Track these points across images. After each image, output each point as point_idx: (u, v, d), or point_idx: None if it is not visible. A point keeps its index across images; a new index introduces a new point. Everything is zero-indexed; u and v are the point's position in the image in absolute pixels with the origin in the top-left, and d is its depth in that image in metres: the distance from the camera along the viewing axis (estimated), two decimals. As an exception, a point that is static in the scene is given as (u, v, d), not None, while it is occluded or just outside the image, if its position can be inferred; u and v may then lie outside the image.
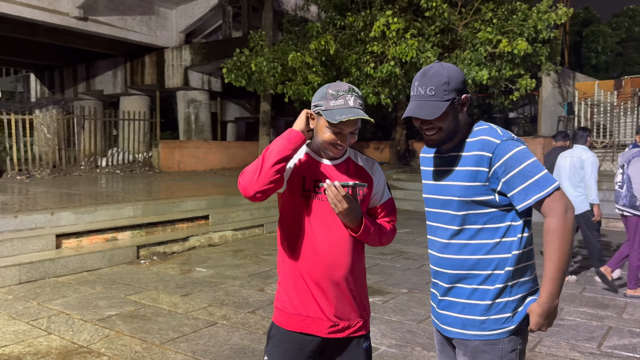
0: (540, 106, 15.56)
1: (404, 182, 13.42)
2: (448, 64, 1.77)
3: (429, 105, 1.71)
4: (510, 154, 1.67)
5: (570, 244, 1.65)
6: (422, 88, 1.73)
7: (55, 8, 15.77)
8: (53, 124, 15.56)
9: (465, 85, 1.76)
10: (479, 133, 1.74)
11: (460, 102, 1.74)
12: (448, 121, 1.73)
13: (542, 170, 1.65)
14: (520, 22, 11.36)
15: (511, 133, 1.75)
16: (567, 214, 1.64)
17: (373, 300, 4.89)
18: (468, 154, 1.73)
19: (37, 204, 7.79)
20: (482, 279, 1.74)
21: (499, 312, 1.72)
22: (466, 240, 1.76)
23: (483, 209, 1.73)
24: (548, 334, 4.02)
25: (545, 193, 1.64)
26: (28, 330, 4.14)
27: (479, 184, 1.71)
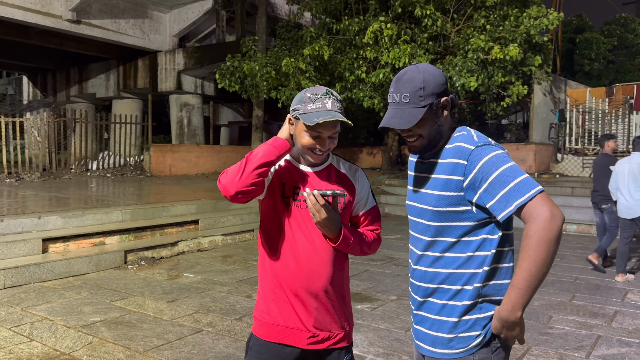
0: (532, 113, 15.61)
1: (395, 187, 13.41)
2: (425, 66, 1.66)
3: (404, 113, 1.62)
4: (485, 160, 1.54)
5: (547, 257, 1.45)
6: (397, 95, 1.63)
7: (48, 11, 15.69)
8: (44, 126, 15.46)
9: (445, 88, 1.65)
10: (455, 139, 1.64)
11: (440, 106, 1.64)
12: (428, 127, 1.63)
13: (522, 174, 1.51)
14: (512, 28, 11.40)
15: (489, 139, 1.64)
16: (551, 221, 1.44)
17: (361, 308, 4.85)
18: (444, 161, 1.63)
19: (25, 208, 7.70)
20: (451, 294, 1.62)
21: (467, 330, 1.60)
22: (439, 253, 1.65)
23: (458, 221, 1.61)
24: (536, 343, 3.99)
25: (527, 197, 1.47)
26: (10, 337, 4.07)
27: (454, 193, 1.59)
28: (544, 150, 15.22)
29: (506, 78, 11.82)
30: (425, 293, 1.68)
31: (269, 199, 1.86)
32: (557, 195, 10.87)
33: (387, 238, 8.91)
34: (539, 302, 5.08)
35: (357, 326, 4.34)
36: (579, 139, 15.57)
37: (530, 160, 14.67)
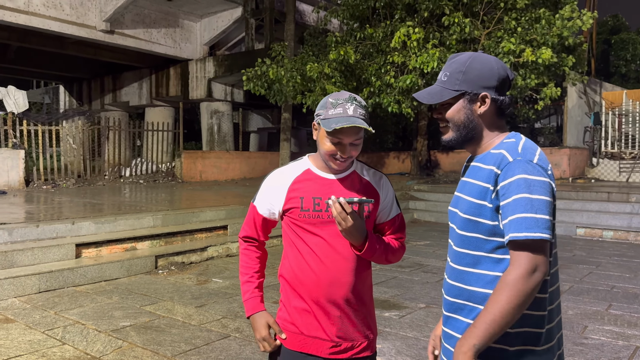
0: (566, 116, 15.25)
1: (425, 193, 13.26)
2: (484, 55, 1.54)
3: (434, 90, 1.54)
4: (514, 178, 1.38)
5: (517, 308, 1.32)
6: (442, 72, 1.56)
7: (83, 22, 16.17)
8: (79, 134, 15.89)
9: (496, 84, 1.50)
10: (502, 146, 1.49)
11: (477, 100, 1.51)
12: (456, 116, 1.52)
13: (538, 212, 1.34)
14: (544, 30, 11.18)
15: (535, 153, 1.44)
16: (532, 275, 1.31)
17: (389, 315, 4.79)
18: (485, 166, 1.49)
19: (60, 214, 7.91)
20: (476, 314, 1.45)
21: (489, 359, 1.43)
22: (466, 267, 1.51)
23: (487, 235, 1.46)
24: (570, 354, 3.86)
25: (523, 236, 1.32)
26: (43, 340, 4.16)
27: (486, 203, 1.45)
28: (578, 154, 14.84)
29: (539, 80, 11.60)
30: (451, 308, 1.56)
31: (287, 217, 1.86)
32: (592, 201, 10.57)
33: (416, 244, 8.81)
34: (573, 312, 4.93)
35: (384, 334, 4.29)
36: (615, 143, 15.13)
37: (565, 165, 14.33)
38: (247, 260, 1.97)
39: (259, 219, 1.93)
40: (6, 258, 5.85)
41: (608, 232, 9.47)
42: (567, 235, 9.70)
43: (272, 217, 1.92)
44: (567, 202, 10.63)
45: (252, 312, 1.93)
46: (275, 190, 1.86)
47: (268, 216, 1.92)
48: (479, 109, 1.52)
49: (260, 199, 1.92)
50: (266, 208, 1.91)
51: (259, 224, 1.94)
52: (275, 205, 1.88)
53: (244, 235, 1.99)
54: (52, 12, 15.31)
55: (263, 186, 1.92)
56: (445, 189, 13.12)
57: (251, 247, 1.98)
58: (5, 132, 13.52)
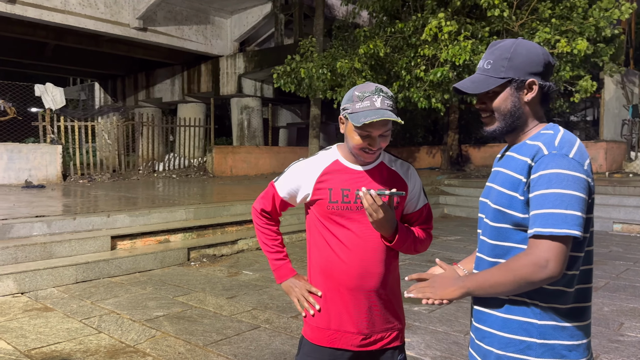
0: (603, 109, 14.82)
1: (455, 187, 13.10)
2: (526, 41, 1.49)
3: (479, 79, 1.49)
4: (547, 172, 1.35)
5: (510, 287, 1.35)
6: (483, 60, 1.51)
7: (117, 20, 16.51)
8: (113, 130, 16.28)
9: (542, 70, 1.46)
10: (539, 137, 1.44)
11: (524, 87, 1.46)
12: (501, 105, 1.48)
13: (567, 208, 1.30)
14: (580, 20, 10.87)
15: (573, 148, 1.39)
16: (540, 268, 1.30)
17: (418, 310, 4.77)
18: (520, 157, 1.44)
19: (96, 207, 8.13)
20: (504, 308, 1.46)
21: (520, 352, 1.42)
22: (495, 258, 1.49)
23: (517, 226, 1.44)
24: (606, 351, 3.77)
25: (547, 232, 1.29)
26: (80, 329, 4.30)
27: (517, 195, 1.42)
28: (615, 148, 14.41)
29: (574, 72, 11.29)
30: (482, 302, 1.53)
31: (314, 208, 1.86)
32: (630, 196, 10.26)
33: (446, 239, 8.72)
34: (609, 308, 4.81)
35: (413, 328, 4.27)
36: (655, 136, 14.63)
37: (601, 159, 13.94)
38: (269, 232, 2.00)
39: (278, 199, 1.94)
40: (45, 249, 6.06)
41: (647, 228, 9.18)
42: (603, 231, 9.45)
43: (291, 201, 1.94)
44: (603, 197, 10.34)
45: (287, 276, 1.95)
46: (302, 179, 1.87)
47: (288, 200, 1.93)
48: (526, 96, 1.48)
49: (283, 182, 1.92)
50: (288, 192, 1.91)
51: (278, 204, 1.96)
52: (299, 193, 1.88)
53: (262, 208, 1.99)
54: (88, 11, 15.69)
55: (290, 171, 1.92)
56: (477, 184, 12.93)
57: (270, 222, 2.01)
58: (44, 128, 13.95)
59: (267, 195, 1.98)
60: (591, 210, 1.42)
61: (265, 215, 2.00)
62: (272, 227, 2.01)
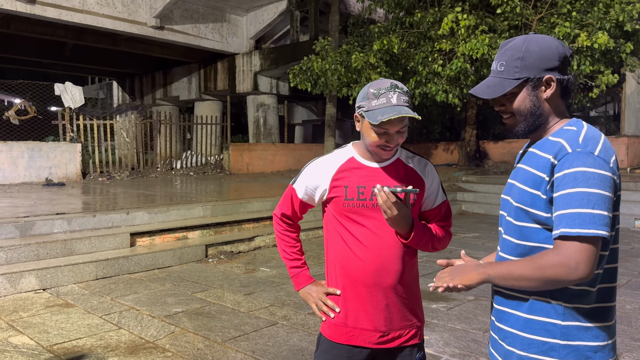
0: (624, 103, 14.56)
1: (473, 184, 12.99)
2: (538, 37, 1.45)
3: (494, 82, 1.46)
4: (571, 170, 1.31)
5: (533, 283, 1.33)
6: (496, 62, 1.48)
7: (134, 19, 16.65)
8: (132, 128, 16.45)
9: (558, 65, 1.42)
10: (562, 133, 1.41)
11: (541, 84, 1.42)
12: (520, 106, 1.44)
13: (595, 207, 1.27)
14: (601, 14, 10.67)
15: (598, 145, 1.35)
16: (571, 270, 1.27)
17: (437, 307, 4.74)
18: (542, 154, 1.41)
19: (115, 204, 8.23)
20: (526, 307, 1.44)
21: (543, 353, 1.40)
22: (518, 257, 1.46)
23: (540, 225, 1.41)
24: (628, 349, 3.71)
25: (575, 232, 1.26)
26: (100, 324, 4.36)
27: (540, 194, 1.38)
28: (637, 143, 14.15)
29: (594, 67, 11.09)
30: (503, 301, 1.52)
31: (330, 206, 1.86)
32: (652, 192, 10.06)
33: (464, 236, 8.66)
34: (631, 306, 4.73)
35: (432, 326, 4.25)
36: (679, 131, 14.34)
37: (622, 154, 13.70)
38: (288, 239, 2.01)
39: (297, 201, 1.94)
40: (66, 246, 6.15)
41: (670, 224, 9.00)
42: (625, 227, 9.30)
43: (310, 201, 1.94)
44: (625, 194, 10.15)
45: (305, 283, 1.95)
46: (318, 178, 1.86)
47: (307, 200, 1.94)
48: (545, 93, 1.44)
49: (301, 183, 1.92)
50: (306, 193, 1.91)
51: (297, 206, 1.96)
52: (317, 192, 1.88)
53: (282, 213, 2.00)
54: (105, 10, 15.85)
55: (306, 171, 1.92)
56: (495, 180, 12.80)
57: (290, 228, 2.02)
58: (64, 127, 14.15)
59: (286, 199, 1.98)
60: (617, 207, 1.38)
61: (286, 221, 2.01)
62: (292, 233, 2.02)
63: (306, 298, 1.93)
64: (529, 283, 1.36)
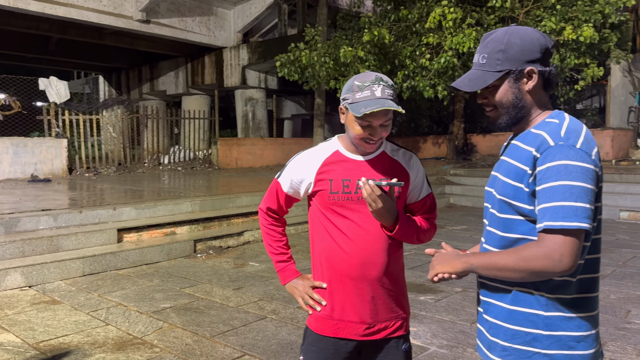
0: (609, 96, 14.70)
1: (461, 177, 13.06)
2: (519, 28, 1.45)
3: (476, 75, 1.46)
4: (554, 163, 1.32)
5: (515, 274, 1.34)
6: (478, 54, 1.48)
7: (119, 12, 16.48)
8: (118, 123, 16.30)
9: (539, 57, 1.42)
10: (544, 126, 1.41)
11: (523, 76, 1.43)
12: (502, 98, 1.45)
13: (577, 200, 1.28)
14: (585, 7, 10.75)
15: (579, 138, 1.35)
16: (554, 262, 1.28)
17: (425, 299, 4.77)
18: (524, 146, 1.41)
19: (102, 200, 8.17)
20: (510, 299, 1.45)
21: (526, 344, 1.41)
22: (501, 249, 1.46)
23: (523, 217, 1.42)
24: (612, 338, 3.76)
25: (559, 225, 1.27)
26: (88, 321, 4.33)
27: (522, 186, 1.39)
28: (622, 135, 14.31)
29: (580, 60, 11.18)
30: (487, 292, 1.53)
31: (315, 199, 1.86)
32: (637, 183, 10.19)
33: (452, 229, 8.71)
34: (615, 296, 4.80)
35: (420, 317, 4.28)
36: (663, 123, 14.51)
37: (608, 147, 13.85)
38: (274, 233, 2.01)
39: (282, 195, 1.94)
40: (52, 242, 6.09)
41: (654, 215, 9.13)
42: (610, 218, 9.41)
43: (296, 195, 1.94)
44: (610, 185, 10.28)
45: (291, 278, 1.96)
46: (303, 171, 1.86)
47: (292, 194, 1.93)
48: (527, 85, 1.44)
49: (286, 177, 1.91)
50: (291, 187, 1.91)
51: (282, 200, 1.95)
52: (302, 186, 1.88)
53: (267, 207, 1.99)
54: (90, 4, 15.67)
55: (291, 165, 1.91)
56: (483, 173, 12.88)
57: (276, 222, 2.01)
58: (49, 122, 13.99)
59: (272, 193, 1.97)
60: (599, 198, 1.40)
61: (272, 215, 2.00)
62: (278, 228, 2.02)
63: (292, 292, 1.93)
64: (513, 274, 1.37)
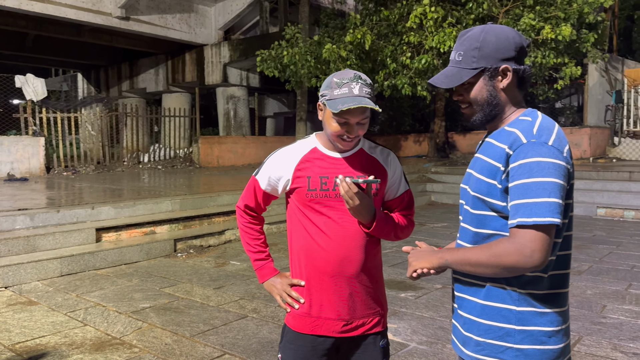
0: (587, 95, 14.95)
1: (442, 175, 13.17)
2: (495, 27, 1.47)
3: (452, 72, 1.48)
4: (526, 161, 1.33)
5: (487, 270, 1.36)
6: (454, 52, 1.50)
7: (98, 8, 16.24)
8: (97, 121, 16.06)
9: (514, 55, 1.44)
10: (517, 124, 1.42)
11: (497, 74, 1.44)
12: (477, 95, 1.46)
13: (549, 196, 1.29)
14: (564, 6, 10.91)
15: (552, 135, 1.37)
16: (524, 257, 1.30)
17: (405, 296, 4.80)
18: (497, 144, 1.43)
19: (80, 199, 8.04)
20: (483, 294, 1.47)
21: (499, 339, 1.43)
22: (473, 244, 1.49)
23: (496, 213, 1.44)
24: (588, 333, 3.83)
25: (532, 222, 1.29)
26: (65, 322, 4.26)
27: (496, 183, 1.41)
28: (599, 133, 14.56)
29: (559, 59, 11.34)
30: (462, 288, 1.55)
31: (293, 196, 1.86)
32: (613, 181, 10.39)
33: (433, 226, 8.78)
34: (591, 291, 4.88)
35: (400, 314, 4.30)
36: (638, 121, 14.79)
37: (585, 145, 14.08)
38: (252, 231, 1.99)
39: (260, 192, 1.93)
40: (28, 242, 5.99)
41: (629, 212, 9.31)
42: (587, 215, 9.57)
43: (273, 192, 1.93)
44: (587, 182, 10.46)
45: (269, 276, 1.95)
46: (281, 168, 1.86)
47: (270, 192, 1.92)
48: (501, 83, 1.46)
49: (263, 174, 1.91)
50: (269, 184, 1.90)
51: (260, 197, 1.94)
52: (280, 183, 1.88)
53: (245, 205, 1.98)
54: (69, 0, 15.41)
55: (268, 162, 1.91)
56: (463, 171, 12.92)
57: (254, 220, 2.00)
58: (25, 120, 13.73)
59: (249, 190, 1.96)
60: (570, 195, 1.42)
61: (250, 213, 1.99)
62: (256, 226, 2.00)
63: (270, 290, 1.93)
64: (486, 270, 1.38)
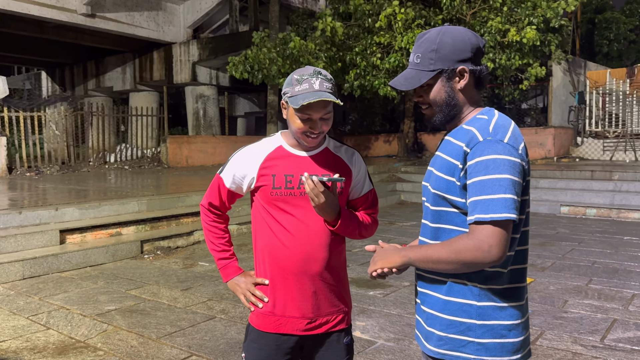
0: (551, 96, 15.34)
1: (411, 174, 13.32)
2: (452, 28, 1.49)
3: (410, 74, 1.51)
4: (482, 158, 1.37)
5: (449, 266, 1.39)
6: (413, 54, 1.52)
7: (62, 5, 15.84)
8: (62, 121, 15.66)
9: (471, 56, 1.47)
10: (474, 122, 1.46)
11: (455, 75, 1.48)
12: (436, 96, 1.49)
13: (505, 192, 1.33)
14: (529, 10, 11.18)
15: (507, 134, 1.41)
16: (483, 252, 1.33)
17: (373, 294, 4.84)
18: (455, 142, 1.47)
19: (43, 200, 7.84)
20: (445, 289, 1.49)
21: (461, 333, 1.46)
22: (435, 241, 1.52)
23: (457, 209, 1.47)
24: (550, 327, 3.93)
25: (489, 218, 1.32)
26: (27, 326, 4.15)
27: (454, 180, 1.44)
28: (563, 133, 14.96)
29: (524, 60, 11.62)
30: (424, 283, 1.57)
31: (258, 195, 1.85)
32: (576, 179, 10.69)
33: (402, 225, 8.87)
34: (554, 287, 5.01)
35: (368, 312, 4.33)
36: (599, 122, 15.26)
37: (550, 144, 14.44)
38: (216, 230, 1.97)
39: (225, 190, 1.91)
40: (-11, 245, 5.80)
41: (591, 209, 9.60)
42: (551, 213, 9.82)
43: (238, 191, 1.92)
44: (551, 181, 10.74)
45: (233, 275, 1.93)
46: (246, 166, 1.85)
47: (235, 190, 1.91)
48: (459, 84, 1.49)
49: (228, 172, 1.89)
50: (234, 182, 1.89)
51: (225, 196, 1.93)
52: (245, 181, 1.87)
53: (209, 203, 1.95)
54: (31, -4, 14.98)
55: (233, 160, 1.89)
56: (432, 170, 13.15)
57: (218, 219, 1.98)
58: (-14, 119, 13.30)
59: (214, 188, 1.94)
60: (526, 192, 1.46)
61: (214, 211, 1.96)
62: (220, 224, 1.98)
63: (234, 289, 1.92)
64: (447, 266, 1.41)
